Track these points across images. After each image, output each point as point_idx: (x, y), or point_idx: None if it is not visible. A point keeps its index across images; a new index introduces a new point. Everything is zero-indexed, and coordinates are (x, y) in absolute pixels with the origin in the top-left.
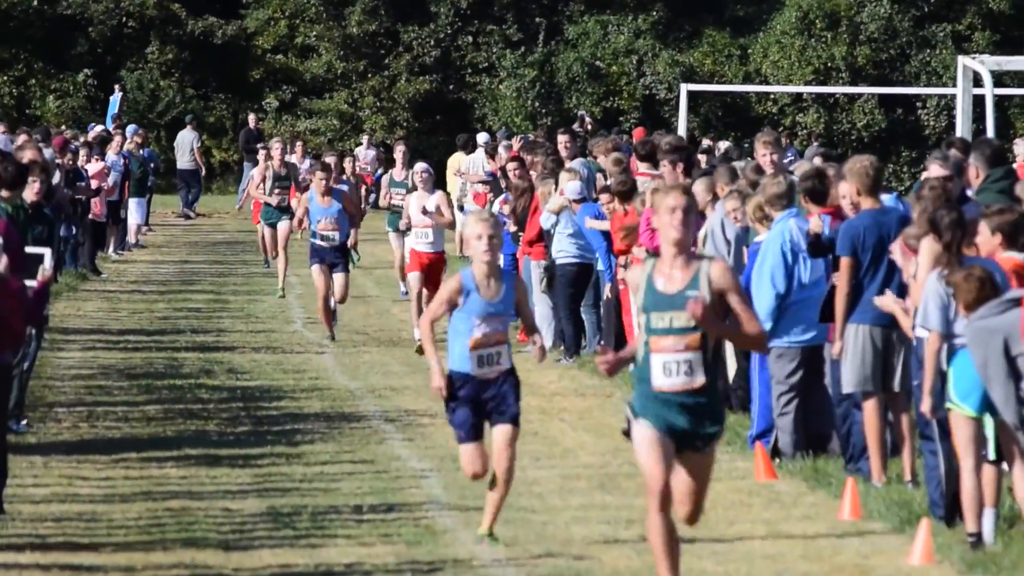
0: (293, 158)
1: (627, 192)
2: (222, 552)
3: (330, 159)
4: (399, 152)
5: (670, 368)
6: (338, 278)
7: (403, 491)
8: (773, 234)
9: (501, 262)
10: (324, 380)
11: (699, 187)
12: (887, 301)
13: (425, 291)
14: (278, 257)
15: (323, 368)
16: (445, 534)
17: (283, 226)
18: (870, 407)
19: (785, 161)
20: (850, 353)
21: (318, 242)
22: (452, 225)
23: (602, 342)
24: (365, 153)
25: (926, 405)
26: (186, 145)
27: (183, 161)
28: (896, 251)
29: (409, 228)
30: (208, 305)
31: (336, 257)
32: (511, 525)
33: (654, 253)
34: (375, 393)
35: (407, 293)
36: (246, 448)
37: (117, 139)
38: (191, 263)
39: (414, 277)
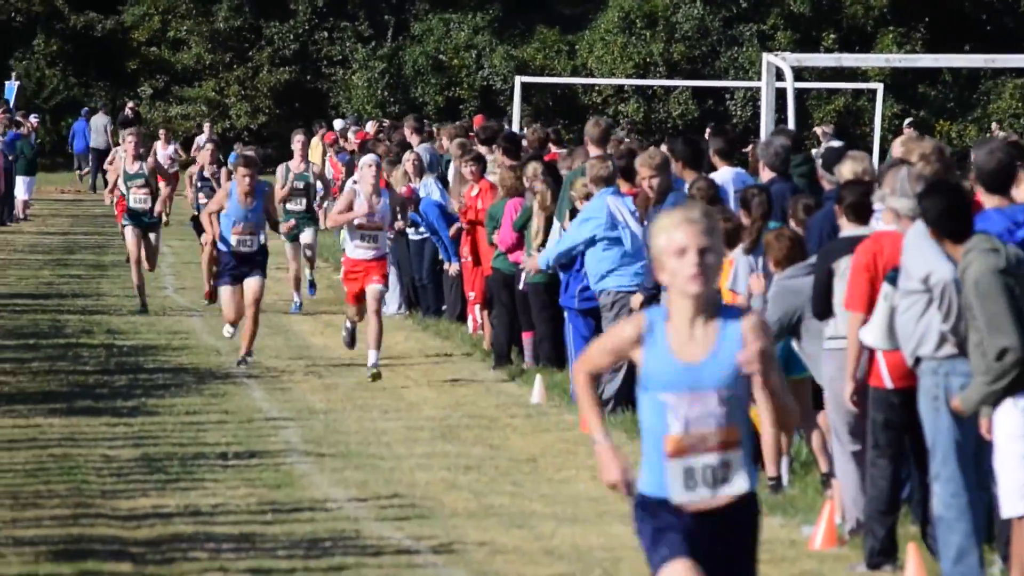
0: (157, 146)
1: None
2: (101, 495)
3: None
4: (297, 142)
5: None
6: (252, 284)
7: (264, 439)
8: (594, 204)
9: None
10: (193, 339)
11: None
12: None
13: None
14: (140, 268)
15: (192, 329)
16: (302, 478)
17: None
18: None
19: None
20: None
21: (234, 248)
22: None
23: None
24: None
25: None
26: (100, 128)
27: (97, 142)
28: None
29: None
30: (88, 272)
31: (254, 266)
32: (361, 470)
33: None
34: (239, 352)
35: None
36: (122, 401)
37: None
38: (73, 234)
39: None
